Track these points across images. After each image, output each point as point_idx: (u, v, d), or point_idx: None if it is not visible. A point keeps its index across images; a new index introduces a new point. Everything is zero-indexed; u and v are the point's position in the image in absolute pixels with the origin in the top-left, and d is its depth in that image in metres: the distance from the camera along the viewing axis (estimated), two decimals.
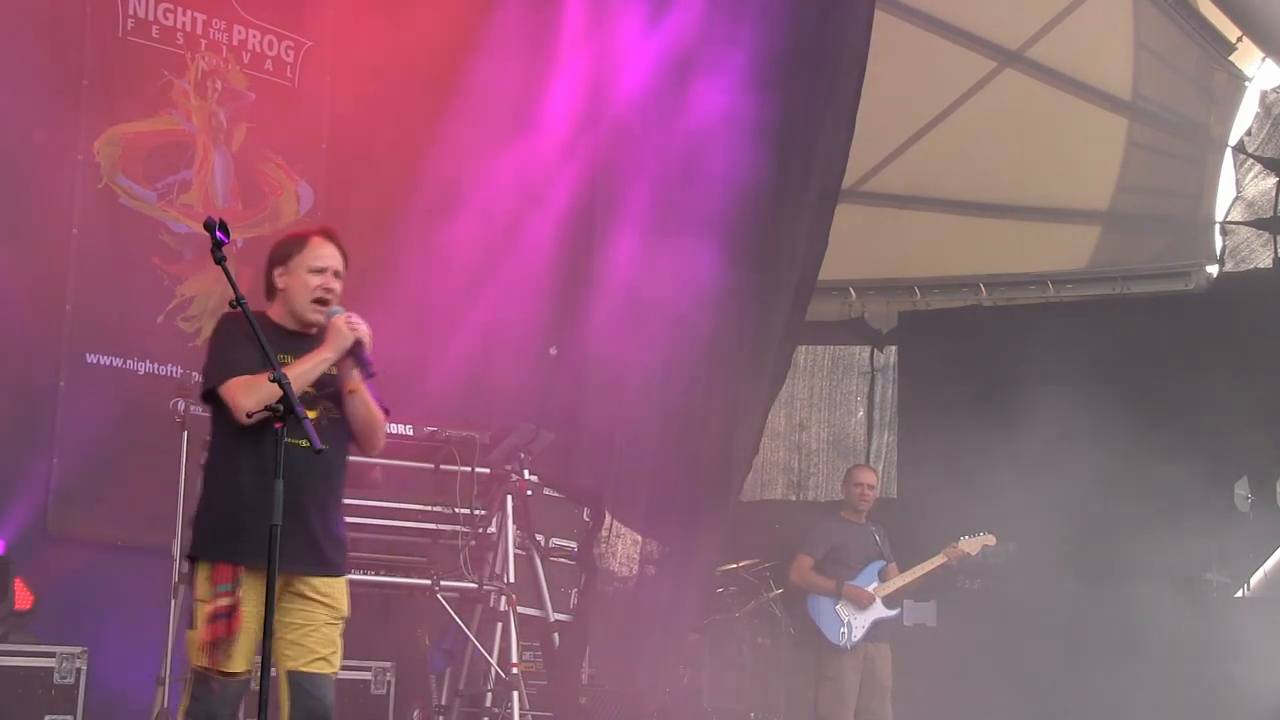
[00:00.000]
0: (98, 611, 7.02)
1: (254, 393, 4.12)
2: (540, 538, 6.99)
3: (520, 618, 6.63)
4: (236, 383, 4.21)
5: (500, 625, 6.59)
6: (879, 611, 7.78)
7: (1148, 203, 11.51)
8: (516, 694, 6.43)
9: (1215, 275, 10.98)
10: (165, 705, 6.27)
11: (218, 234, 3.90)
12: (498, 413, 7.52)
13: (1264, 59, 10.29)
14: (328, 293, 4.41)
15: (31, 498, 7.20)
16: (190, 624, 4.28)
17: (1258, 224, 10.74)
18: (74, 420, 7.40)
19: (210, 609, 4.17)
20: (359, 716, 6.79)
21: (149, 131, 7.91)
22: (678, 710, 8.42)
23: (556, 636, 7.06)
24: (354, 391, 4.39)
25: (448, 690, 7.05)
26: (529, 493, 6.88)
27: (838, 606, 7.74)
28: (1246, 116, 10.76)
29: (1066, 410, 9.17)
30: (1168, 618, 8.49)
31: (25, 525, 7.10)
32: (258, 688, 3.94)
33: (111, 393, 7.53)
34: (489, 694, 6.67)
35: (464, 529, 6.58)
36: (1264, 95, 10.62)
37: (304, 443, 4.06)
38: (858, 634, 7.72)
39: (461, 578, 6.57)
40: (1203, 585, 8.96)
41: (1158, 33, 10.73)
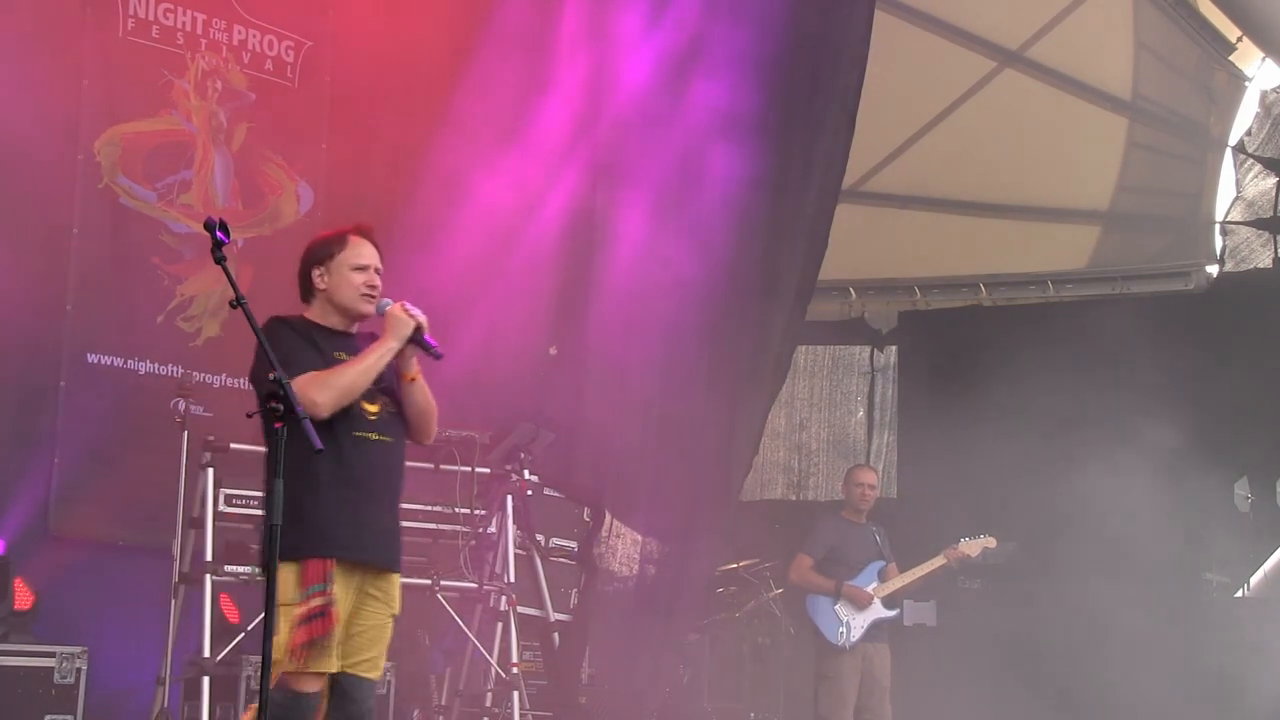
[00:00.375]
0: (98, 611, 7.03)
1: (327, 387, 4.16)
2: (540, 538, 7.00)
3: (520, 618, 6.65)
4: (307, 378, 4.17)
5: (500, 625, 6.60)
6: (878, 612, 7.78)
7: (1148, 203, 11.49)
8: (516, 694, 6.45)
9: (1215, 275, 10.95)
10: (165, 705, 6.27)
11: (218, 234, 3.89)
12: (497, 413, 7.51)
13: (1264, 59, 10.27)
14: (372, 289, 4.44)
15: (32, 498, 7.21)
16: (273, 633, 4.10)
17: (1258, 224, 10.72)
18: (74, 420, 7.40)
19: (303, 610, 4.11)
20: None
21: (149, 131, 7.92)
22: (678, 710, 8.42)
23: (556, 636, 7.07)
24: (414, 380, 4.41)
25: (448, 690, 7.06)
26: (529, 493, 6.89)
27: (837, 606, 7.74)
28: (1246, 116, 10.74)
29: (1066, 410, 9.17)
30: (1168, 618, 8.49)
31: (25, 525, 7.10)
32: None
33: (112, 393, 7.53)
34: (489, 694, 6.68)
35: (464, 529, 6.59)
36: (1264, 95, 10.60)
37: (374, 435, 4.19)
38: (856, 634, 7.71)
39: (461, 577, 6.59)
40: (1203, 585, 8.96)
41: (1157, 33, 10.71)
